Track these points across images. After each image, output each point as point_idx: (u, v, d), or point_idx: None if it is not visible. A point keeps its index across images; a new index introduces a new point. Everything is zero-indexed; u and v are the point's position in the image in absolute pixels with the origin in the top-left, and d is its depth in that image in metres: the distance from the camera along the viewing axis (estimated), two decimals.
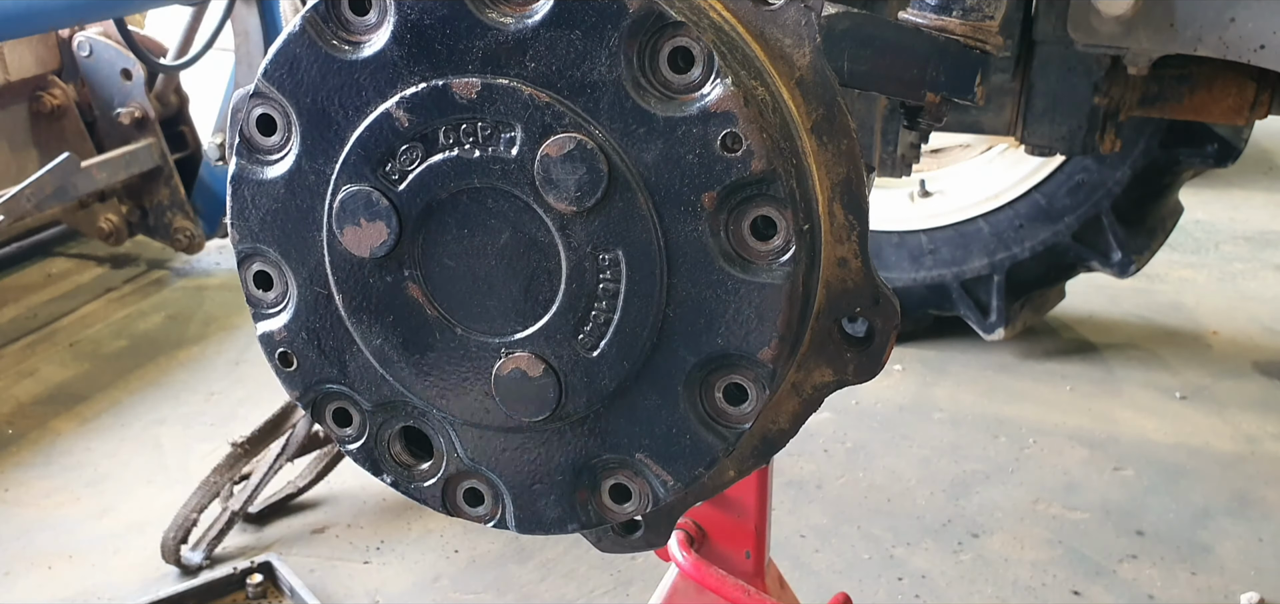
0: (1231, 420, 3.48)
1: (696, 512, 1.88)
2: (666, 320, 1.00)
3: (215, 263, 4.90)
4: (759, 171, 0.94)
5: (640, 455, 1.07)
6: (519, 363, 1.04)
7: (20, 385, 3.83)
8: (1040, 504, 3.08)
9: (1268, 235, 5.00)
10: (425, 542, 2.93)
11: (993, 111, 2.76)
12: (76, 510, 3.10)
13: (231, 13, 4.05)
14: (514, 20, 0.96)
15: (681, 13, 0.94)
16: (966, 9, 1.22)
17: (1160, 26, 2.06)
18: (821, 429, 3.43)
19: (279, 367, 1.12)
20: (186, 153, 4.53)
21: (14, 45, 4.04)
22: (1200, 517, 3.02)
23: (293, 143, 1.03)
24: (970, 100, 1.21)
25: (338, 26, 0.99)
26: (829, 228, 1.06)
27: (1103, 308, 4.27)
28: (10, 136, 4.13)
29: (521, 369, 1.04)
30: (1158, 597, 2.72)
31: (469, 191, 1.00)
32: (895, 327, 1.08)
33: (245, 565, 2.74)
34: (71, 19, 3.89)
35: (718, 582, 1.80)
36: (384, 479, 1.15)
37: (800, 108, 1.03)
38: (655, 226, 0.97)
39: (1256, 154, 5.87)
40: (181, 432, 3.53)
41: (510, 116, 0.96)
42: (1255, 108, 2.65)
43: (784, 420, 1.14)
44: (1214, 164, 3.33)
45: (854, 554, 2.88)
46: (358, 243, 1.02)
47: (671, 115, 0.94)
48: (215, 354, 4.06)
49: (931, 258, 3.72)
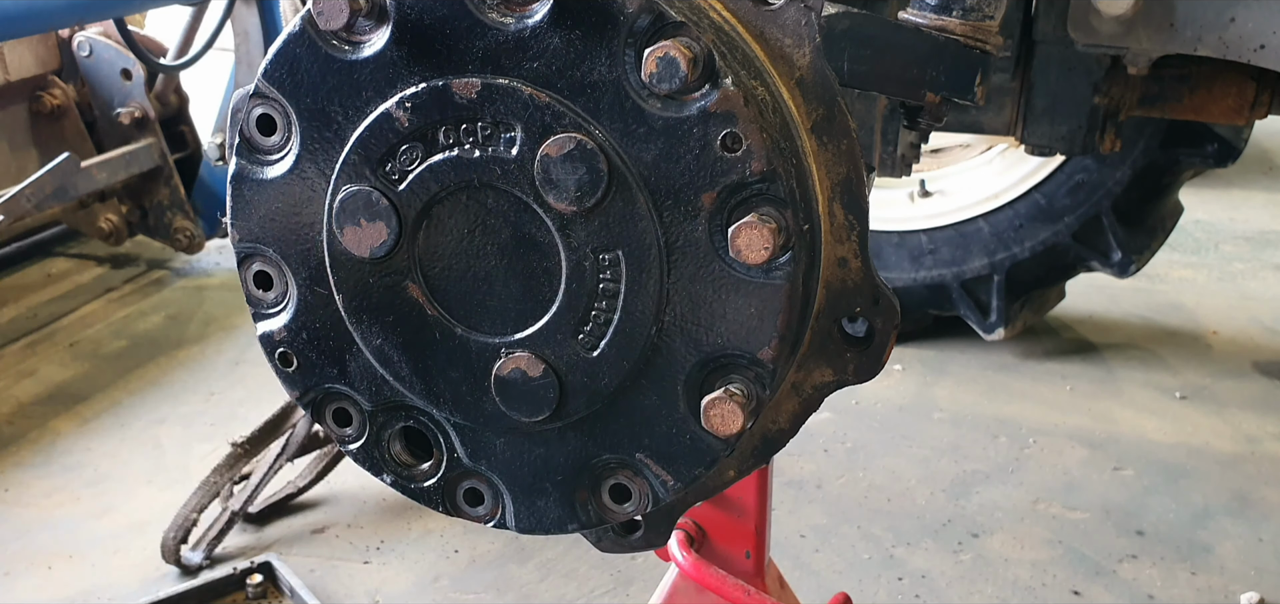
0: (1231, 420, 3.48)
1: (696, 512, 1.88)
2: (666, 320, 1.00)
3: (215, 263, 4.90)
4: (759, 171, 0.94)
5: (640, 455, 1.07)
6: (519, 363, 1.04)
7: (20, 385, 3.83)
8: (1040, 504, 3.08)
9: (1268, 235, 5.00)
10: (425, 542, 2.93)
11: (993, 111, 2.76)
12: (76, 510, 3.10)
13: (231, 13, 4.05)
14: (514, 20, 0.96)
15: (681, 13, 0.94)
16: (966, 9, 1.22)
17: (1160, 26, 2.06)
18: (821, 429, 3.43)
19: (279, 367, 1.12)
20: (186, 153, 4.53)
21: (14, 45, 4.04)
22: (1200, 517, 3.02)
23: (293, 143, 1.03)
24: (970, 100, 1.21)
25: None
26: (829, 228, 1.06)
27: (1103, 308, 4.27)
28: (10, 136, 4.13)
29: (521, 369, 1.04)
30: (1158, 597, 2.72)
31: (469, 191, 1.00)
32: (895, 326, 1.08)
33: (245, 565, 2.74)
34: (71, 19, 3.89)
35: (718, 582, 1.80)
36: (384, 479, 1.15)
37: (800, 108, 1.03)
38: (655, 226, 0.97)
39: (1256, 154, 5.86)
40: (181, 432, 3.53)
41: (510, 116, 0.96)
42: (1255, 108, 2.65)
43: (784, 420, 1.14)
44: (1214, 164, 3.33)
45: (854, 554, 2.88)
46: (358, 243, 1.02)
47: (671, 115, 0.94)
48: (215, 354, 4.06)
49: (931, 258, 3.72)
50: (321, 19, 0.96)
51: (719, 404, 0.99)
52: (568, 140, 0.95)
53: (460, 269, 1.03)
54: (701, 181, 0.95)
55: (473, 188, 1.00)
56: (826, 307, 1.09)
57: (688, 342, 1.01)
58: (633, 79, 0.94)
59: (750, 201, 0.96)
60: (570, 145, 0.95)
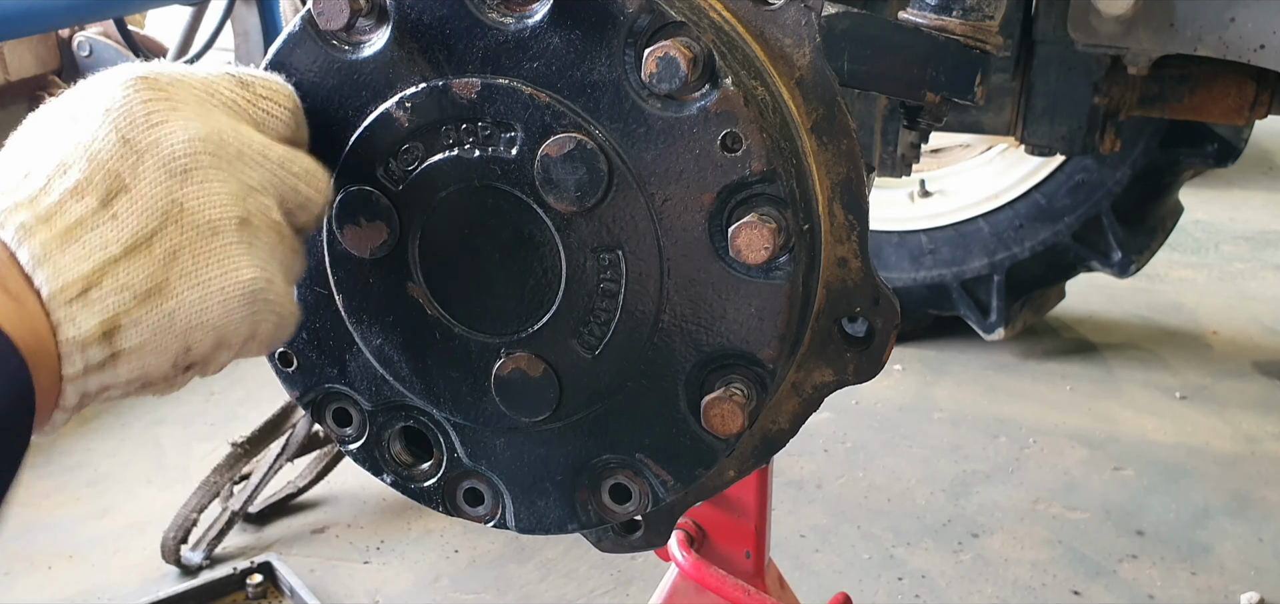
0: (1231, 420, 3.48)
1: (696, 512, 1.88)
2: (666, 320, 1.00)
3: None
4: (759, 171, 0.94)
5: (640, 455, 1.06)
6: (519, 363, 1.04)
7: None
8: (1040, 504, 3.08)
9: (1268, 235, 5.00)
10: (425, 542, 2.93)
11: (993, 111, 2.76)
12: (76, 510, 3.10)
13: (231, 13, 4.05)
14: (514, 20, 0.95)
15: (681, 13, 0.94)
16: (966, 9, 1.22)
17: (1160, 26, 2.06)
18: (821, 429, 3.43)
19: (279, 367, 1.12)
20: None
21: (14, 45, 4.04)
22: (1200, 517, 3.02)
23: None
24: (970, 100, 1.21)
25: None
26: (829, 228, 1.06)
27: (1103, 308, 4.27)
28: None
29: (521, 369, 1.04)
30: (1158, 597, 2.72)
31: (469, 191, 1.00)
32: (895, 326, 1.08)
33: (245, 565, 2.74)
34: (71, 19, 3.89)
35: (718, 582, 1.80)
36: (384, 479, 1.15)
37: (800, 108, 1.03)
38: (655, 227, 0.97)
39: (1256, 154, 5.87)
40: (181, 432, 3.53)
41: (510, 116, 0.96)
42: (1255, 108, 2.65)
43: (784, 420, 1.14)
44: (1214, 164, 3.33)
45: (854, 554, 2.89)
46: (358, 243, 1.02)
47: (671, 115, 0.94)
48: None
49: (931, 258, 3.72)
50: (321, 19, 0.96)
51: (719, 404, 0.99)
52: (568, 140, 0.95)
53: (460, 269, 1.03)
54: (701, 181, 0.95)
55: (473, 188, 1.00)
56: (826, 306, 1.09)
57: (688, 342, 1.01)
58: (633, 79, 0.94)
59: (750, 202, 0.95)
60: (570, 145, 0.95)
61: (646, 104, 0.94)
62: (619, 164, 0.95)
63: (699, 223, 0.96)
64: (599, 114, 0.95)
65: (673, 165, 0.95)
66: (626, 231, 0.97)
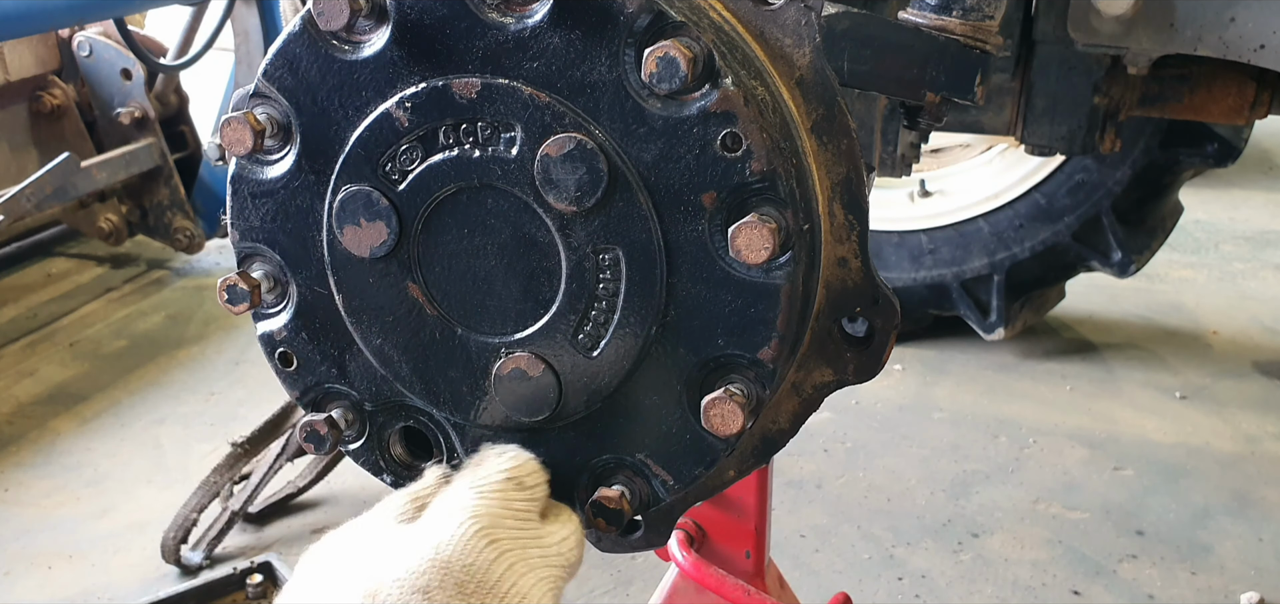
0: (1231, 420, 3.48)
1: (696, 512, 1.88)
2: (666, 320, 1.00)
3: (215, 263, 4.90)
4: (759, 171, 0.94)
5: (640, 455, 1.07)
6: (519, 363, 1.04)
7: (20, 385, 3.83)
8: (1040, 504, 3.08)
9: (1268, 235, 5.00)
10: None
11: (993, 111, 2.76)
12: (76, 510, 3.10)
13: (231, 13, 4.05)
14: (514, 20, 0.95)
15: (682, 13, 0.94)
16: (966, 9, 1.21)
17: (1160, 26, 2.06)
18: (821, 429, 3.43)
19: (279, 367, 1.12)
20: (186, 153, 4.53)
21: (14, 45, 4.04)
22: (1200, 517, 3.02)
23: (293, 143, 1.03)
24: (970, 100, 1.21)
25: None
26: (829, 228, 1.06)
27: (1103, 308, 4.27)
28: (10, 136, 4.13)
29: (521, 369, 1.04)
30: (1158, 597, 2.72)
31: (469, 191, 1.00)
32: (895, 326, 1.08)
33: (245, 565, 2.74)
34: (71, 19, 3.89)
35: (718, 582, 1.80)
36: (384, 479, 1.15)
37: (800, 108, 1.03)
38: (655, 226, 0.97)
39: (1256, 154, 5.87)
40: (181, 432, 3.53)
41: (510, 116, 0.96)
42: (1255, 108, 2.65)
43: (784, 420, 1.14)
44: (1214, 164, 3.33)
45: (854, 554, 2.88)
46: (358, 243, 1.02)
47: (671, 115, 0.94)
48: (215, 354, 4.06)
49: (931, 258, 3.72)
50: (322, 19, 0.96)
51: (719, 404, 0.99)
52: (568, 140, 0.95)
53: (460, 269, 1.03)
54: (701, 181, 0.95)
55: (473, 188, 1.00)
56: (826, 306, 1.09)
57: (688, 342, 1.01)
58: (633, 79, 0.94)
59: (750, 201, 0.95)
60: (570, 145, 0.95)
61: (647, 104, 0.94)
62: (619, 164, 0.95)
63: (699, 223, 0.96)
64: (599, 114, 0.95)
65: (673, 165, 0.95)
66: (626, 231, 0.97)
